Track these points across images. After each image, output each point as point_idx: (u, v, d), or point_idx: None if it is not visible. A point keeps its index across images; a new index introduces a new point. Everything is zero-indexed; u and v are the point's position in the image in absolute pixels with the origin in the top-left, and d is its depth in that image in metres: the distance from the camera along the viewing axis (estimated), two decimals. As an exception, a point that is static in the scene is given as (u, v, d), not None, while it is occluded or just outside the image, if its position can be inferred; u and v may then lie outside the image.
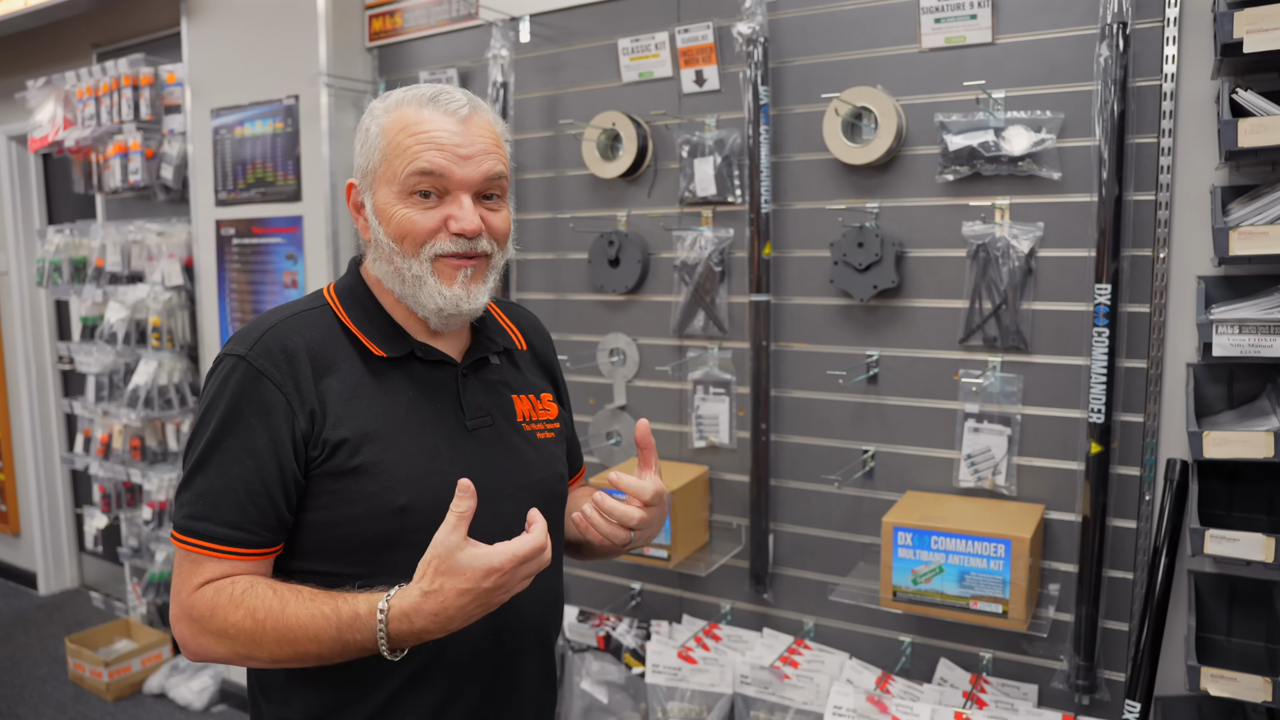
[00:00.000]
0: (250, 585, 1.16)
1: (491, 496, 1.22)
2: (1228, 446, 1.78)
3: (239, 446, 1.17)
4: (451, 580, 1.06)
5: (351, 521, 1.20)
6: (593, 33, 2.76)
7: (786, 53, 2.45)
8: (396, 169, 1.22)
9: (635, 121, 2.63)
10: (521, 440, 1.36)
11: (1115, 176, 2.01)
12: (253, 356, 1.19)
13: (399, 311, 1.30)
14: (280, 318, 1.25)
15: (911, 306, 2.34)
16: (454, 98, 1.24)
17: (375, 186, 1.25)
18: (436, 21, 3.09)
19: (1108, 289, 2.02)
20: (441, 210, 1.23)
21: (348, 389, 1.22)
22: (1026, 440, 2.25)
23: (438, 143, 1.21)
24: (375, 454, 1.21)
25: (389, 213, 1.23)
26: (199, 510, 1.17)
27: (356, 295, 1.31)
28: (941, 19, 2.22)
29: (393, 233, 1.23)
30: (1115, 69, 1.98)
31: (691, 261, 2.58)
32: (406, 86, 1.27)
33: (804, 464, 2.54)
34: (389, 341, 1.27)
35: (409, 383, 1.28)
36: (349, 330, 1.26)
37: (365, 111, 1.29)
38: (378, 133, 1.24)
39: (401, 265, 1.24)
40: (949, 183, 2.26)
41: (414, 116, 1.22)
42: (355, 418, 1.21)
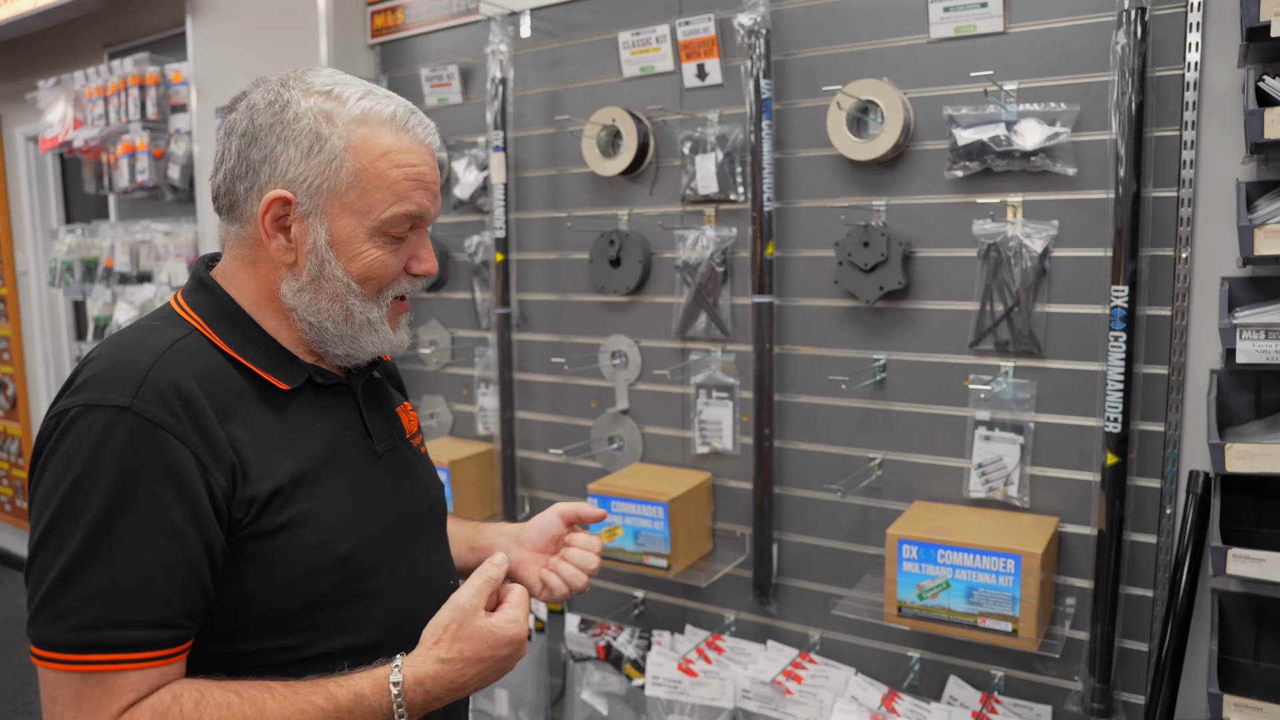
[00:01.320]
0: (203, 692, 0.96)
1: (406, 524, 1.19)
2: (1252, 460, 1.67)
3: (143, 523, 0.93)
4: (470, 647, 1.03)
5: (289, 585, 1.03)
6: (593, 26, 2.68)
7: (790, 45, 2.35)
8: (376, 204, 1.07)
9: (636, 117, 2.55)
10: (415, 459, 1.28)
11: (1133, 172, 1.89)
12: (140, 406, 0.95)
13: (284, 333, 1.12)
14: (155, 350, 1.01)
15: (920, 308, 2.24)
16: (422, 121, 1.12)
17: (334, 212, 1.07)
18: (438, 17, 3.03)
19: (1125, 291, 1.91)
20: (405, 250, 1.13)
21: (256, 433, 1.04)
22: (1040, 449, 2.14)
23: (424, 181, 1.10)
24: (304, 503, 1.05)
25: (354, 250, 1.08)
26: (97, 615, 0.91)
27: (227, 315, 1.10)
28: (951, 7, 2.12)
29: (357, 273, 1.09)
30: (1133, 58, 1.86)
31: (693, 261, 2.49)
32: (345, 84, 1.09)
33: (809, 471, 2.44)
34: (283, 370, 1.10)
35: (314, 414, 1.12)
36: (235, 361, 1.07)
37: (297, 105, 1.06)
38: (343, 149, 1.05)
39: (356, 307, 1.10)
40: (958, 179, 2.15)
41: (393, 143, 1.08)
42: (276, 465, 1.04)
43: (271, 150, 1.05)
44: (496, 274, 2.80)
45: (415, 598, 1.16)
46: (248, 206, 1.08)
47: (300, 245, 1.07)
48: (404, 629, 1.10)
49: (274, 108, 1.06)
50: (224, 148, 1.10)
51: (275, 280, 1.10)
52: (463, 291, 3.07)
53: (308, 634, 1.06)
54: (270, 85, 1.09)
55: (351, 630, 1.08)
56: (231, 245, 1.12)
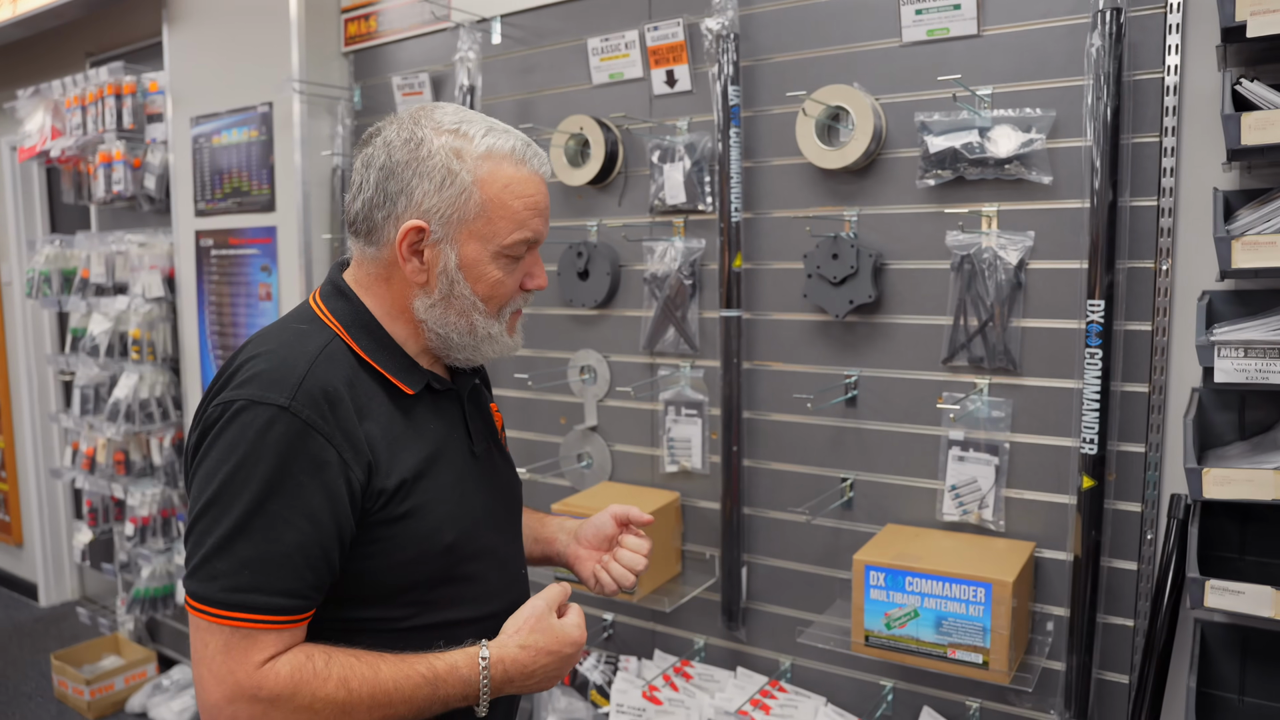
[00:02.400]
0: (330, 655, 1.11)
1: (501, 518, 1.35)
2: (1231, 486, 1.57)
3: (290, 509, 1.08)
4: (544, 639, 1.22)
5: (402, 566, 1.18)
6: (563, 32, 2.61)
7: (760, 50, 2.27)
8: (499, 231, 1.19)
9: (604, 126, 2.47)
10: (502, 459, 1.42)
11: (1109, 180, 1.80)
12: (297, 408, 1.09)
13: (411, 342, 1.26)
14: (308, 356, 1.15)
15: (891, 323, 2.15)
16: (537, 154, 1.24)
17: (463, 239, 1.19)
18: (410, 25, 2.96)
19: (1101, 306, 1.82)
20: (520, 269, 1.25)
21: (386, 431, 1.18)
22: (1016, 471, 2.05)
23: (539, 208, 1.23)
24: (421, 495, 1.19)
25: (480, 271, 1.21)
26: (246, 581, 1.06)
27: (363, 323, 1.23)
28: (923, 9, 2.04)
29: (482, 293, 1.22)
30: (1108, 61, 1.78)
31: (661, 274, 2.41)
32: (470, 121, 1.20)
33: (779, 492, 2.35)
34: (409, 376, 1.24)
35: (431, 416, 1.26)
36: (370, 367, 1.21)
37: (430, 143, 1.18)
38: (471, 183, 1.17)
39: (480, 323, 1.23)
40: (931, 188, 2.06)
41: (515, 174, 1.19)
42: (401, 462, 1.18)
43: (408, 184, 1.17)
44: (464, 286, 2.72)
45: (499, 583, 1.31)
46: (385, 233, 1.20)
47: (432, 268, 1.20)
48: (489, 610, 1.27)
49: (409, 145, 1.18)
50: (362, 179, 1.21)
51: (407, 296, 1.23)
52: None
53: (412, 608, 1.20)
54: (404, 123, 1.20)
55: (447, 607, 1.23)
56: (366, 263, 1.25)
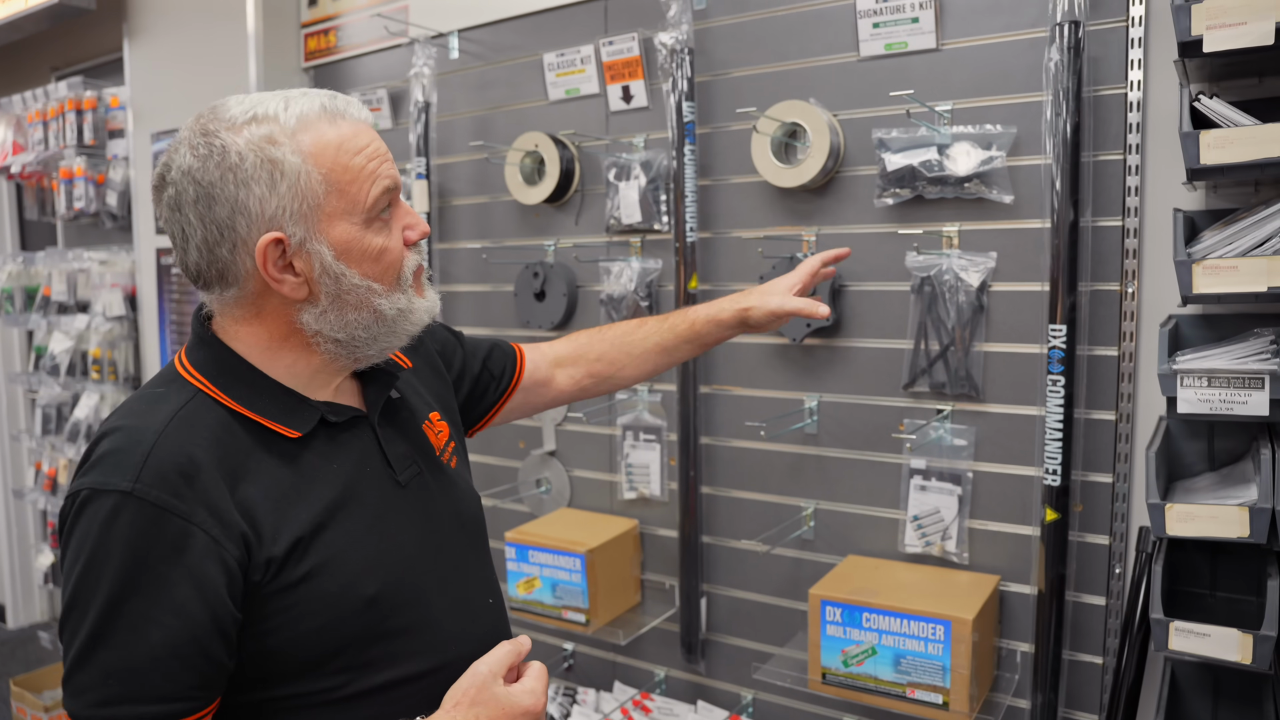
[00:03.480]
0: None
1: (436, 551, 1.17)
2: (1195, 523, 1.49)
3: (152, 605, 0.94)
4: (487, 712, 1.05)
5: (315, 634, 1.03)
6: (520, 48, 2.54)
7: (716, 64, 2.20)
8: (358, 196, 1.03)
9: (559, 143, 2.40)
10: (444, 478, 1.24)
11: (1069, 200, 1.73)
12: (144, 490, 0.94)
13: (300, 370, 1.09)
14: (156, 427, 0.99)
15: (851, 347, 2.07)
16: (350, 102, 1.08)
17: (327, 226, 1.02)
18: (370, 39, 2.90)
19: (1063, 331, 1.74)
20: (394, 226, 1.09)
21: (270, 489, 1.02)
22: (980, 501, 1.97)
23: (382, 154, 1.07)
24: (324, 551, 1.03)
25: (363, 248, 1.05)
26: (115, 693, 0.93)
27: (230, 369, 1.07)
28: (881, 23, 1.97)
29: (373, 271, 1.06)
30: (1067, 77, 1.71)
31: (618, 295, 2.34)
32: (261, 102, 1.02)
33: (739, 520, 2.27)
34: (292, 416, 1.07)
35: (329, 456, 1.09)
36: (243, 416, 1.04)
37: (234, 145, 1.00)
38: (300, 163, 1.00)
39: (384, 305, 1.07)
40: (889, 207, 1.99)
41: (340, 131, 1.04)
42: (292, 519, 1.02)
43: (236, 200, 1.00)
44: (420, 307, 2.64)
45: (454, 627, 1.16)
46: (239, 266, 1.03)
47: (310, 275, 1.03)
48: (443, 659, 1.12)
49: (212, 159, 1.00)
50: (180, 226, 1.03)
51: (290, 319, 1.07)
52: (393, 324, 2.92)
53: (345, 675, 1.05)
54: (192, 143, 1.02)
55: (388, 667, 1.08)
56: (229, 307, 1.08)
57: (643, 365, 1.52)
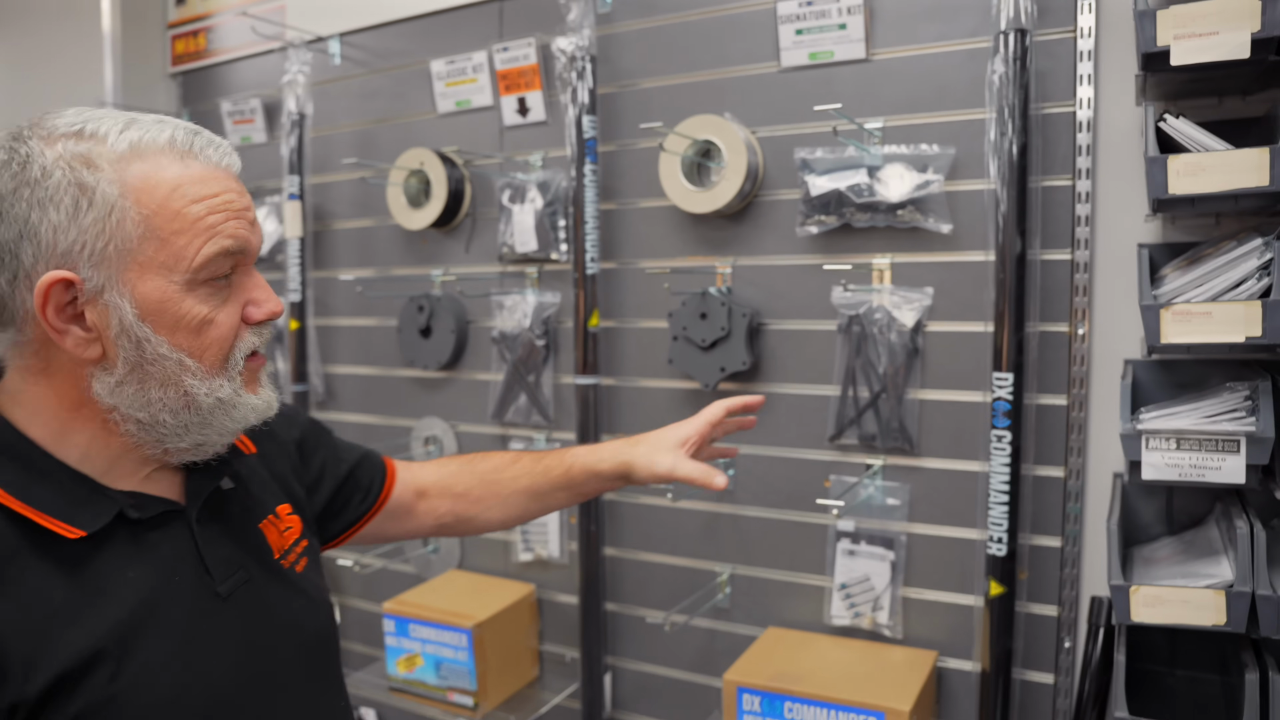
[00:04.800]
0: None
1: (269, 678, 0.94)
2: (1164, 608, 1.29)
3: None
4: None
5: None
6: (407, 54, 2.27)
7: (622, 74, 1.97)
8: (184, 250, 0.83)
9: (448, 161, 2.14)
10: (285, 587, 1.00)
11: (1016, 229, 1.53)
12: None
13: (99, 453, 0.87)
14: None
15: (771, 393, 1.84)
16: (211, 141, 0.88)
17: (136, 277, 0.83)
18: (244, 42, 2.60)
19: (1009, 379, 1.53)
20: (234, 298, 0.89)
21: (30, 607, 0.79)
22: (915, 567, 1.75)
23: (232, 208, 0.87)
24: (106, 687, 0.80)
25: (176, 314, 0.84)
26: None
27: (6, 447, 0.85)
28: (805, 29, 1.75)
29: (190, 345, 0.86)
30: (1012, 92, 1.51)
31: (511, 332, 2.08)
32: (99, 118, 0.83)
33: (647, 586, 2.02)
34: (79, 509, 0.84)
35: (126, 560, 0.85)
36: (9, 510, 0.81)
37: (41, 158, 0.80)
38: (118, 195, 0.81)
39: (197, 389, 0.86)
40: (813, 236, 1.77)
41: (184, 172, 0.84)
42: (62, 646, 0.79)
43: (27, 222, 0.80)
44: (291, 344, 2.35)
45: None
46: (18, 303, 0.83)
47: (103, 330, 0.83)
48: None
49: (10, 168, 0.81)
50: None
51: (81, 382, 0.85)
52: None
53: None
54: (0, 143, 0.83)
55: None
56: (12, 356, 0.87)
57: (509, 509, 1.29)
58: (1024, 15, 1.49)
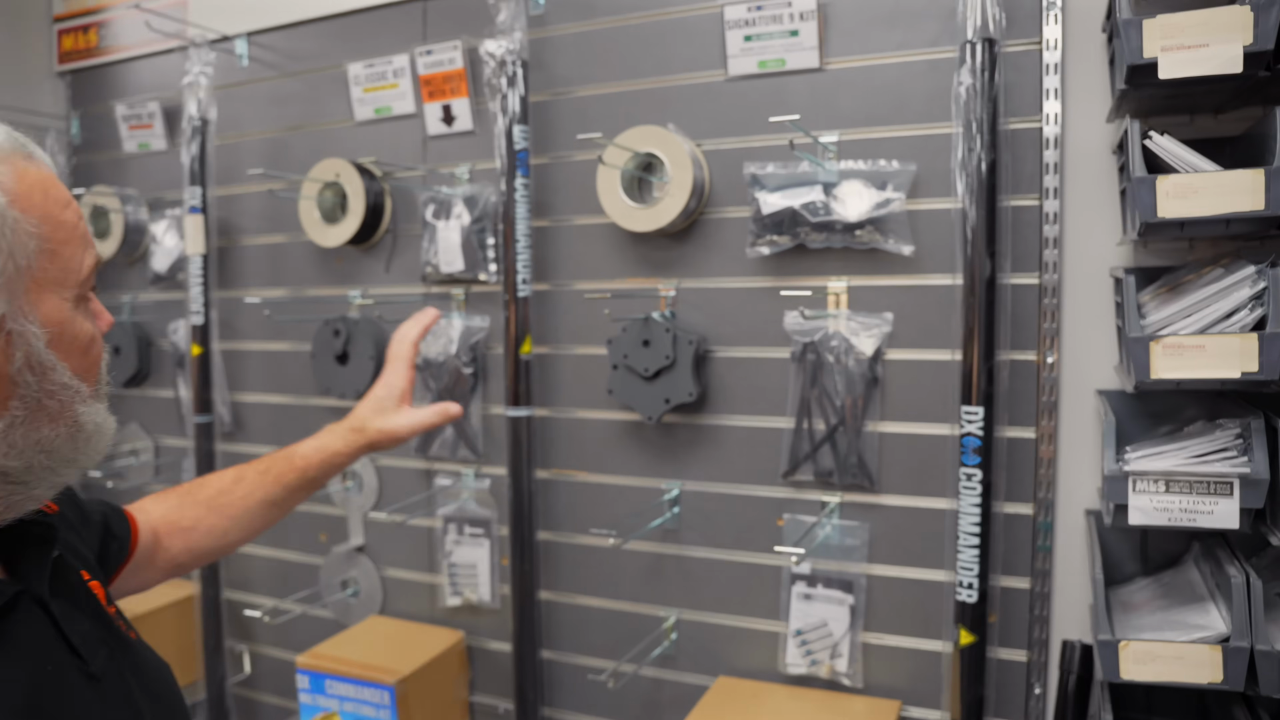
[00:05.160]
0: None
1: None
2: (1156, 665, 1.19)
3: None
4: None
5: None
6: (322, 56, 2.10)
7: (557, 81, 1.82)
8: (70, 262, 0.73)
9: (366, 172, 1.96)
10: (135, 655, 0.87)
11: (986, 251, 1.42)
12: None
13: None
14: None
15: (719, 425, 1.72)
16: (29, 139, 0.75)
17: (36, 298, 0.70)
18: (141, 40, 2.39)
19: (979, 413, 1.43)
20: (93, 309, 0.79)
21: None
22: (875, 611, 1.63)
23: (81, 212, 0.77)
24: None
25: (72, 334, 0.73)
26: None
27: None
28: (754, 35, 1.63)
29: (81, 367, 0.74)
30: (980, 105, 1.40)
31: (435, 359, 1.91)
32: None
33: (586, 633, 1.87)
34: None
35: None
36: None
37: None
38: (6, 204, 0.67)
39: (84, 414, 0.75)
40: (765, 258, 1.65)
41: (41, 172, 0.72)
42: None
43: None
44: (193, 370, 2.14)
45: None
46: None
47: (5, 368, 0.68)
48: None
49: None
50: None
51: None
52: (167, 389, 2.40)
53: None
54: None
55: None
56: None
57: (249, 525, 1.23)
58: (992, 24, 1.39)
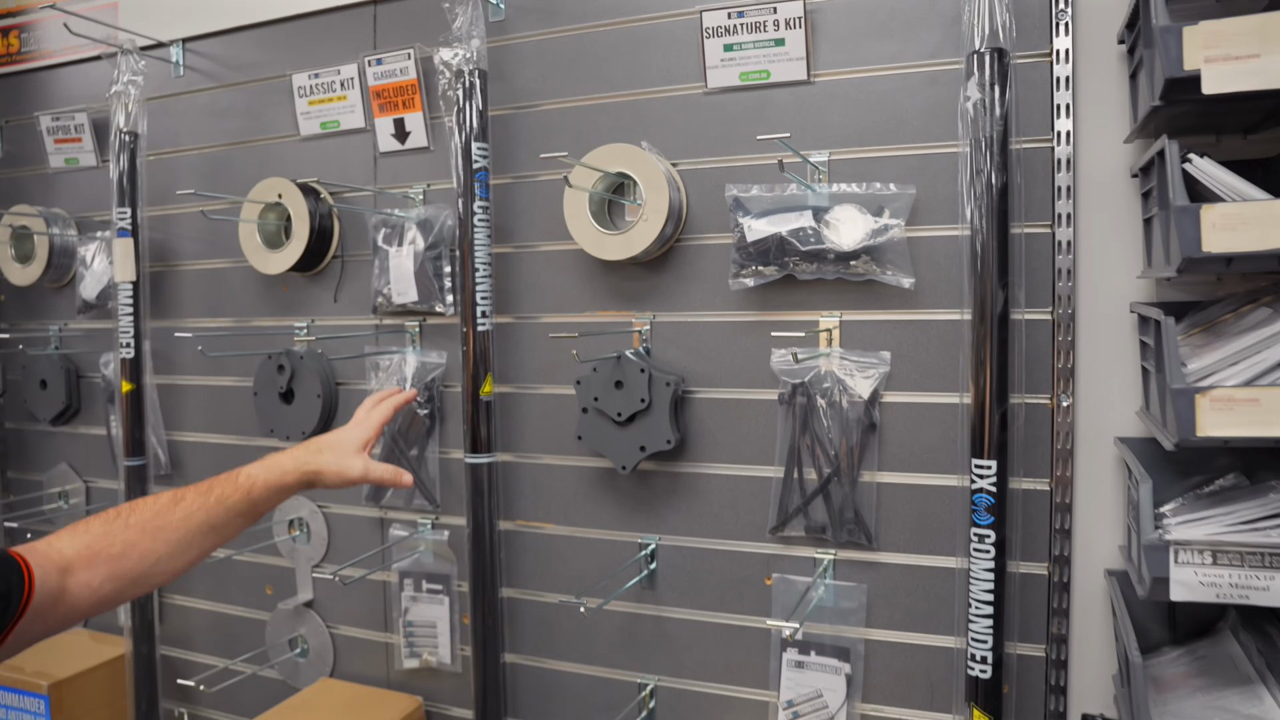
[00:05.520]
0: None
1: None
2: (1205, 766, 1.04)
3: None
4: None
5: None
6: (264, 65, 1.92)
7: (519, 94, 1.66)
8: None
9: (311, 193, 1.79)
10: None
11: (999, 284, 1.27)
12: None
13: None
14: None
15: (701, 474, 1.56)
16: None
17: None
18: (68, 45, 2.20)
19: (992, 468, 1.27)
20: None
21: None
22: (874, 681, 1.48)
23: None
24: None
25: None
26: None
27: None
28: (735, 45, 1.48)
29: None
30: (990, 122, 1.25)
31: (389, 398, 1.74)
32: None
33: (556, 700, 1.70)
34: None
35: None
36: None
37: None
38: None
39: None
40: (749, 290, 1.49)
41: None
42: None
43: None
44: (124, 409, 1.96)
45: None
46: None
47: None
48: None
49: None
50: None
51: None
52: (99, 426, 2.21)
53: None
54: None
55: None
56: None
57: (186, 552, 1.13)
58: (1002, 33, 1.24)
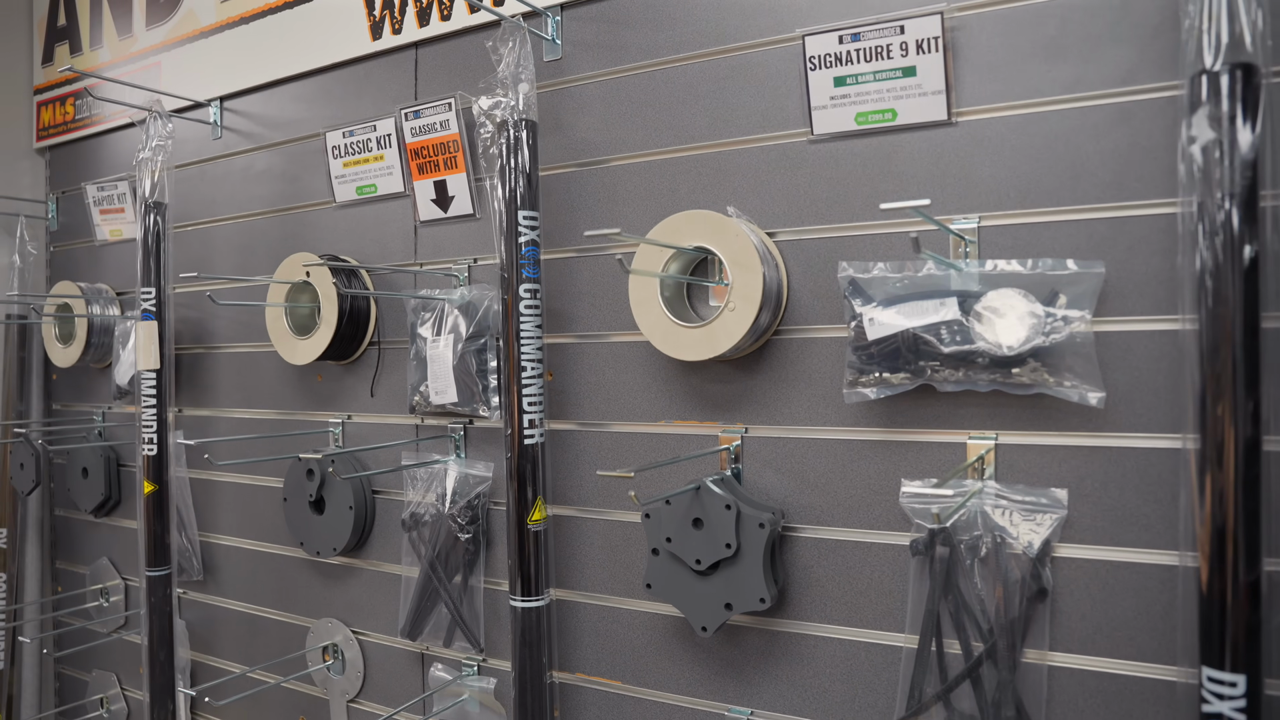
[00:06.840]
0: None
1: None
2: None
3: None
4: None
5: None
6: (301, 123, 1.67)
7: (581, 148, 1.35)
8: None
9: (343, 270, 1.52)
10: None
11: (1246, 397, 0.87)
12: None
13: None
14: None
15: (806, 635, 1.18)
16: None
17: None
18: (114, 112, 2.02)
19: (1239, 685, 0.86)
20: None
21: None
22: None
23: None
24: None
25: None
26: None
27: None
28: (849, 78, 1.13)
29: None
30: (1230, 169, 0.86)
31: (425, 515, 1.43)
32: None
33: None
34: None
35: None
36: None
37: None
38: None
39: None
40: (871, 403, 1.12)
41: None
42: None
43: None
44: (146, 512, 1.71)
45: None
46: None
47: None
48: None
49: None
50: None
51: None
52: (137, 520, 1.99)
53: None
54: None
55: None
56: None
57: None
58: (1250, 39, 0.85)
